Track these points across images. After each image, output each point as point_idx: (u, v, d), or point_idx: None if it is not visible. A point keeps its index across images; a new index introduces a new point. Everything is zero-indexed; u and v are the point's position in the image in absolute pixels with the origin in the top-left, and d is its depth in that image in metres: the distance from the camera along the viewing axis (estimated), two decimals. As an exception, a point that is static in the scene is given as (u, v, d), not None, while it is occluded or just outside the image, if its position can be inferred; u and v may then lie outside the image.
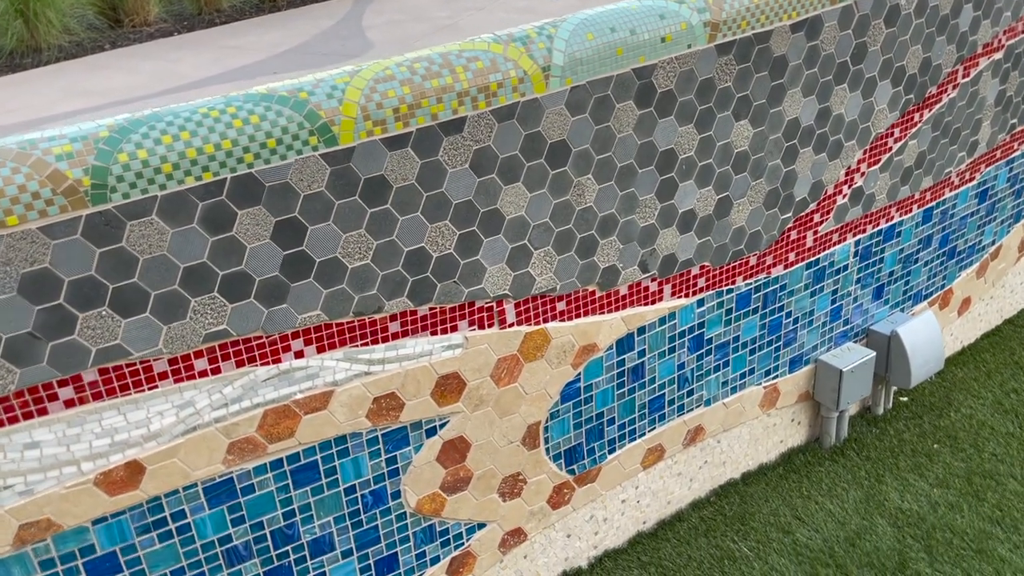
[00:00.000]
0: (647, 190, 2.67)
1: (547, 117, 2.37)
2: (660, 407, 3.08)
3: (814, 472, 3.59)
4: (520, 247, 2.50)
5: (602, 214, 2.61)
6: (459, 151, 2.27)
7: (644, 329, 2.89)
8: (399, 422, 2.49)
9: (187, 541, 2.27)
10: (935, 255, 3.84)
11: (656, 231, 2.76)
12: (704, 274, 2.97)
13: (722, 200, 2.88)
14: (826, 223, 3.25)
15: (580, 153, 2.48)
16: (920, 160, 3.48)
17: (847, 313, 3.54)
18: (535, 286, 2.58)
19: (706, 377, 3.16)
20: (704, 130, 2.71)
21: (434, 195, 2.28)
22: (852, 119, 3.11)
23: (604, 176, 2.56)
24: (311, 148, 2.07)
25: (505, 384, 2.64)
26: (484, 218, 2.39)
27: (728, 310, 3.10)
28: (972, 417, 3.86)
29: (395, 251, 2.29)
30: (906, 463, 3.60)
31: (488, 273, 2.47)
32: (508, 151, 2.35)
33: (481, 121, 2.27)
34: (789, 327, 3.34)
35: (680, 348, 3.02)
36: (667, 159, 2.67)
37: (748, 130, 2.81)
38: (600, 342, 2.80)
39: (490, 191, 2.37)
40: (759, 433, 3.51)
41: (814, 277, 3.32)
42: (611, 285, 2.75)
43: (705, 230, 2.89)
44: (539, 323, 2.64)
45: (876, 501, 3.40)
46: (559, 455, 2.89)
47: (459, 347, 2.50)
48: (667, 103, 2.58)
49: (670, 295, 2.91)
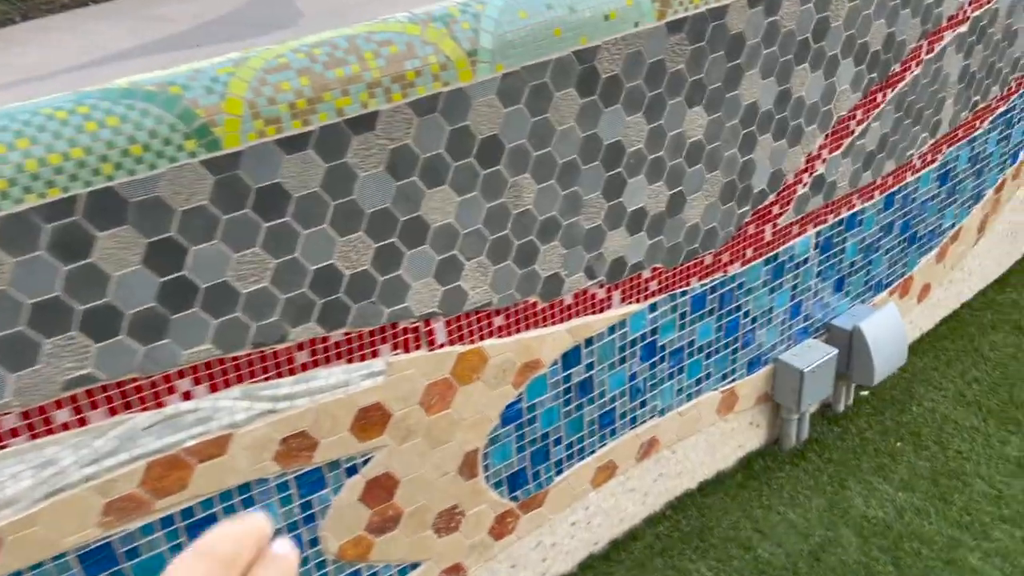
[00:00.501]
0: (592, 188, 2.37)
1: (475, 109, 2.04)
2: (611, 421, 2.81)
3: (774, 478, 3.36)
4: (449, 258, 2.17)
5: (542, 217, 2.30)
6: (372, 152, 1.93)
7: (592, 340, 2.60)
8: (313, 463, 2.16)
9: (61, 618, 1.92)
10: (896, 242, 3.62)
11: (603, 233, 2.46)
12: (656, 277, 2.68)
13: (675, 196, 2.58)
14: (786, 215, 2.99)
15: (515, 150, 2.16)
16: (883, 143, 3.23)
17: (807, 309, 3.30)
18: (468, 301, 2.27)
19: (660, 386, 2.89)
20: (654, 119, 2.40)
21: (344, 204, 1.94)
22: (813, 102, 2.84)
23: (543, 175, 2.24)
24: (187, 154, 1.71)
25: (437, 411, 2.32)
26: (405, 228, 2.06)
27: (682, 314, 2.82)
28: (935, 411, 3.68)
29: (299, 271, 1.95)
30: (869, 464, 3.40)
31: (412, 290, 2.14)
32: (431, 150, 2.02)
33: (397, 116, 1.93)
34: (747, 327, 3.08)
35: (631, 358, 2.74)
36: (614, 153, 2.36)
37: (702, 118, 2.52)
38: (544, 357, 2.50)
39: (411, 196, 2.04)
40: (716, 440, 3.27)
41: (773, 273, 3.07)
42: (554, 295, 2.44)
43: (657, 229, 2.60)
44: (474, 342, 2.33)
45: (840, 509, 3.20)
46: (501, 482, 2.59)
47: (381, 375, 2.18)
48: (613, 90, 2.27)
49: (620, 302, 2.62)
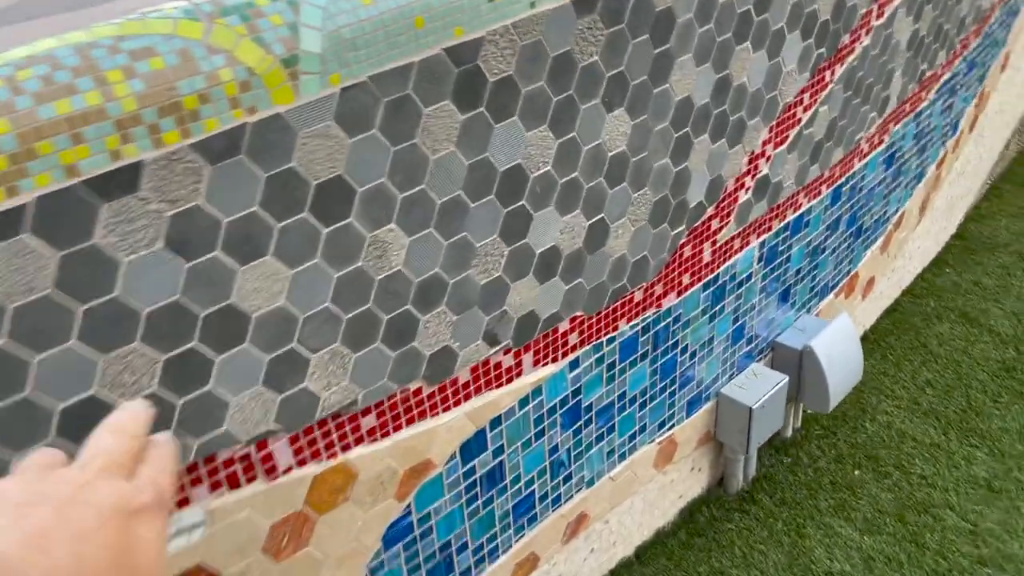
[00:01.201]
0: (486, 231, 1.74)
1: (304, 144, 1.38)
2: (529, 508, 2.22)
3: (723, 531, 2.86)
4: (286, 355, 1.52)
5: (420, 278, 1.66)
6: (140, 224, 1.25)
7: (499, 420, 2.00)
8: (108, 663, 1.49)
9: None
10: (842, 239, 3.14)
11: (505, 286, 1.84)
12: (576, 328, 2.09)
13: (594, 226, 1.98)
14: (726, 229, 2.44)
15: (372, 194, 1.51)
16: (831, 130, 2.71)
17: (750, 330, 2.78)
18: (321, 406, 1.62)
19: (587, 453, 2.32)
20: (564, 131, 1.78)
21: (101, 307, 1.26)
22: (756, 88, 2.27)
23: (416, 222, 1.60)
24: None
25: (289, 554, 1.68)
26: (211, 324, 1.39)
27: (610, 364, 2.25)
28: (891, 426, 3.25)
29: (34, 416, 1.26)
30: (827, 503, 2.94)
31: (234, 407, 1.48)
32: (239, 209, 1.35)
33: (175, 166, 1.25)
34: (685, 364, 2.54)
35: (551, 428, 2.15)
36: (513, 181, 1.73)
37: (625, 123, 1.91)
38: (436, 456, 1.88)
39: (215, 279, 1.37)
40: (654, 496, 2.73)
41: (713, 298, 2.52)
42: (445, 374, 1.82)
43: (574, 271, 1.99)
44: (335, 456, 1.69)
45: (801, 566, 2.72)
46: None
47: (198, 528, 1.52)
48: (505, 98, 1.63)
49: (532, 365, 2.02)
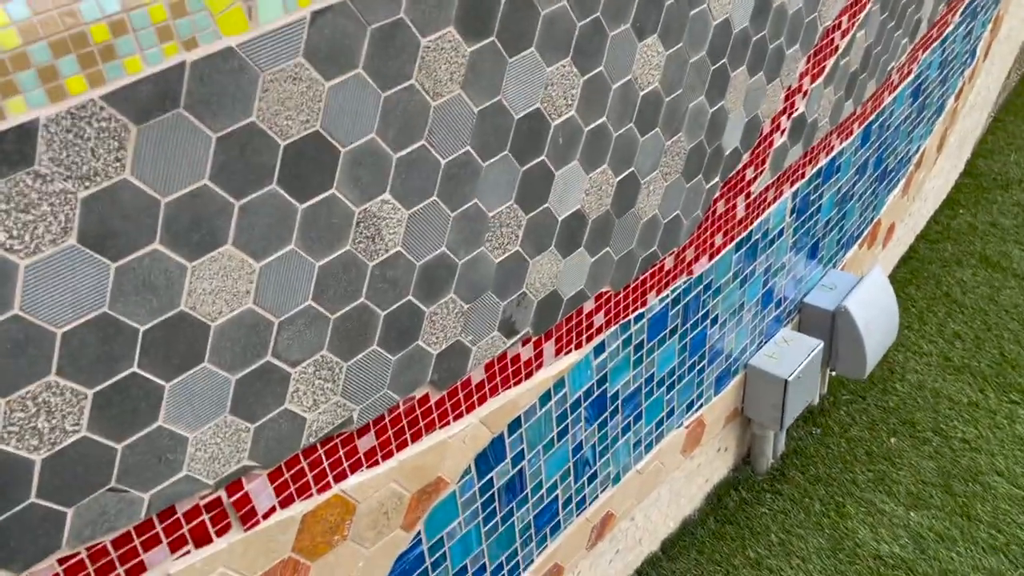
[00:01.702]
0: (501, 196, 1.38)
1: (267, 91, 1.01)
2: (552, 516, 1.91)
3: (755, 516, 2.58)
4: (258, 372, 1.16)
5: (422, 261, 1.31)
6: (38, 211, 0.88)
7: (519, 422, 1.66)
8: None
9: None
10: (868, 183, 2.83)
11: (524, 263, 1.50)
12: (602, 306, 1.75)
13: (624, 182, 1.63)
14: (761, 177, 2.11)
15: (359, 154, 1.14)
16: (866, 59, 2.38)
17: (780, 292, 2.47)
18: (308, 430, 1.27)
19: (612, 447, 2.01)
20: (590, 66, 1.42)
21: None
22: (796, 9, 1.92)
23: (416, 189, 1.24)
24: None
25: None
26: (154, 343, 1.03)
27: (638, 345, 1.92)
28: (923, 386, 2.98)
29: (-85, 486, 0.90)
30: (865, 476, 2.67)
31: (193, 445, 1.13)
32: (182, 186, 0.98)
33: (85, 128, 0.88)
34: (715, 337, 2.22)
35: (575, 425, 1.83)
36: (532, 131, 1.38)
37: (658, 53, 1.56)
38: (447, 472, 1.54)
39: (156, 283, 1.00)
40: (680, 485, 2.43)
41: (745, 258, 2.20)
42: (456, 376, 1.48)
43: (601, 239, 1.65)
44: (326, 488, 1.34)
45: (846, 550, 2.45)
46: (401, 656, 1.67)
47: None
48: (520, 24, 1.27)
49: (554, 355, 1.68)
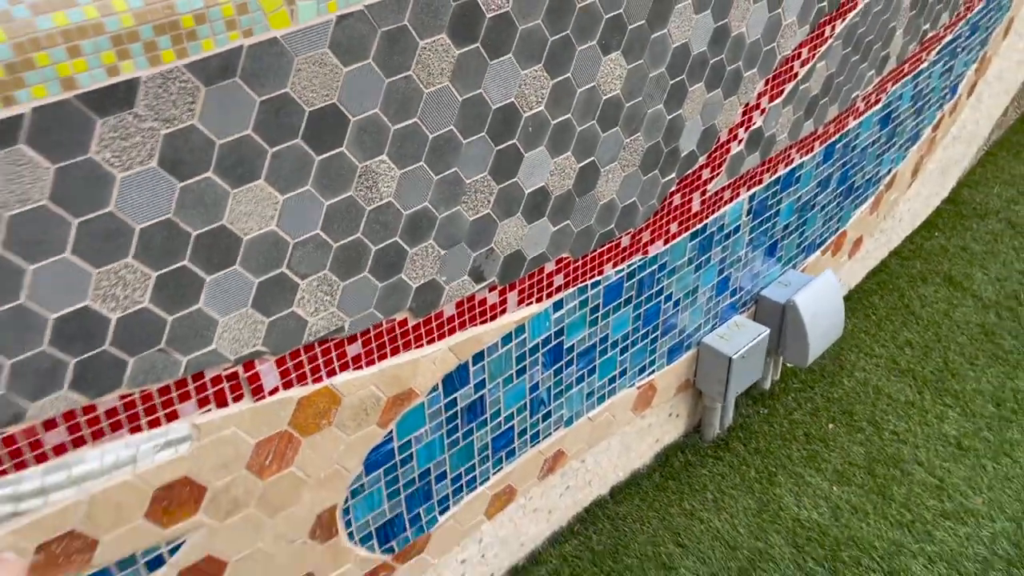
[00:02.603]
0: (477, 168, 1.76)
1: (300, 70, 1.39)
2: (508, 442, 2.28)
3: (696, 476, 2.94)
4: (275, 279, 1.55)
5: (409, 211, 1.69)
6: (134, 141, 1.27)
7: (482, 355, 2.04)
8: (94, 566, 1.55)
9: None
10: (832, 197, 3.16)
11: (494, 223, 1.87)
12: (562, 269, 2.12)
13: (585, 169, 2.00)
14: (717, 179, 2.46)
15: (365, 124, 1.52)
16: (827, 86, 2.71)
17: (735, 282, 2.82)
18: (308, 330, 1.66)
19: (567, 393, 2.38)
20: (559, 71, 1.79)
21: (95, 220, 1.28)
22: (755, 39, 2.27)
23: (408, 155, 1.62)
24: None
25: (273, 473, 1.74)
26: (202, 244, 1.42)
27: (594, 308, 2.29)
28: (867, 383, 3.31)
29: (31, 322, 1.29)
30: (800, 453, 3.02)
31: (222, 327, 1.52)
32: (232, 132, 1.36)
33: (170, 86, 1.26)
34: (668, 312, 2.58)
35: (533, 367, 2.20)
36: (506, 119, 1.75)
37: (621, 66, 1.92)
38: (419, 386, 1.93)
39: (207, 201, 1.39)
40: (631, 439, 2.80)
41: (700, 248, 2.55)
42: (431, 307, 1.86)
43: (563, 212, 2.02)
44: (320, 380, 1.73)
45: (771, 512, 2.81)
46: (369, 536, 2.05)
47: (185, 442, 1.57)
48: (502, 34, 1.64)
49: (516, 304, 2.06)
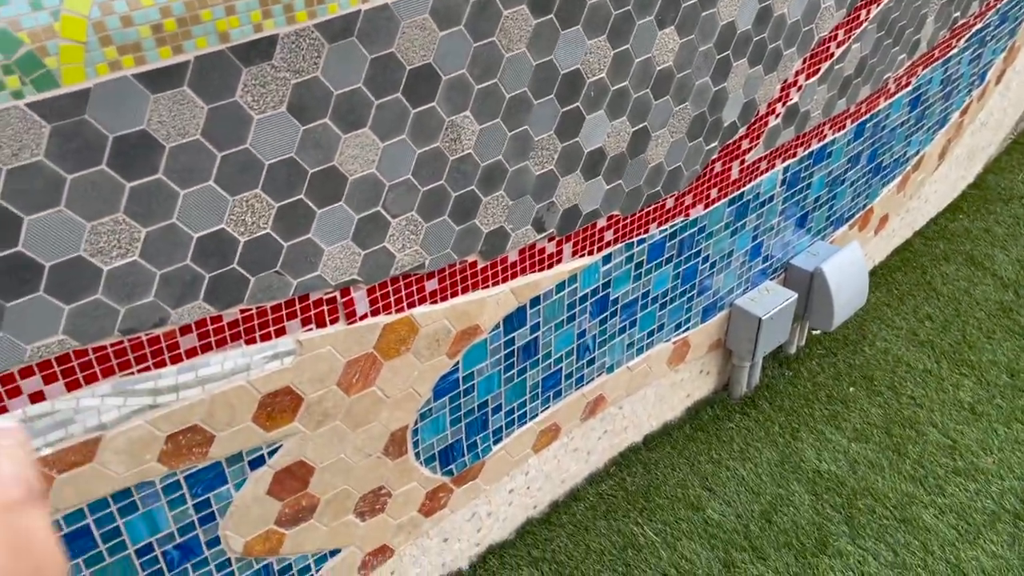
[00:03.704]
0: (544, 127, 1.98)
1: (404, 33, 1.61)
2: (556, 383, 2.51)
3: (724, 429, 3.16)
4: (372, 216, 1.78)
5: (485, 163, 1.91)
6: (270, 88, 1.50)
7: (539, 299, 2.27)
8: (209, 459, 1.81)
9: None
10: (861, 173, 3.35)
11: (555, 179, 2.09)
12: (612, 226, 2.34)
13: (638, 133, 2.22)
14: (754, 150, 2.66)
15: (454, 82, 1.75)
16: (861, 67, 2.90)
17: (768, 249, 3.03)
18: (395, 265, 1.89)
19: (610, 342, 2.60)
20: (620, 43, 2.00)
21: (234, 155, 1.52)
22: (795, 20, 2.47)
23: (487, 112, 1.84)
24: (10, 94, 1.26)
25: (358, 391, 1.98)
26: (316, 181, 1.65)
27: (638, 264, 2.51)
28: (888, 352, 3.51)
29: (178, 239, 1.53)
30: (822, 412, 3.23)
31: (327, 255, 1.75)
32: (347, 84, 1.59)
33: (302, 42, 1.49)
34: (705, 273, 2.79)
35: (581, 315, 2.43)
36: (571, 84, 1.97)
37: (674, 41, 2.13)
38: (483, 323, 2.16)
39: (322, 143, 1.62)
40: (665, 391, 3.02)
41: (736, 214, 2.76)
42: (497, 252, 2.08)
43: (616, 173, 2.24)
44: (402, 310, 1.97)
45: (792, 463, 3.02)
46: (432, 457, 2.29)
47: (290, 355, 1.81)
48: (572, 8, 1.85)
49: (571, 255, 2.28)
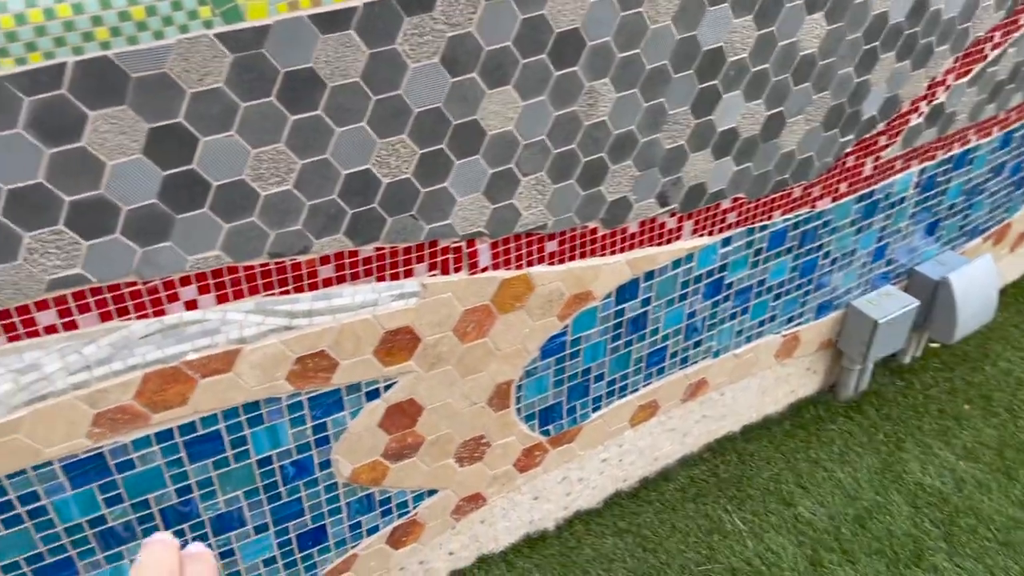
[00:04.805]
0: (680, 102, 2.00)
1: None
2: (660, 360, 2.54)
3: (825, 430, 3.12)
4: (504, 172, 1.86)
5: (617, 131, 1.96)
6: (426, 39, 1.59)
7: (653, 274, 2.30)
8: (331, 384, 1.93)
9: (44, 525, 1.76)
10: (1003, 185, 3.21)
11: (685, 155, 2.12)
12: (736, 208, 2.34)
13: (773, 117, 2.21)
14: (891, 147, 2.60)
15: (597, 49, 1.80)
16: (1015, 73, 2.78)
17: (892, 252, 2.95)
18: (520, 222, 1.96)
19: (719, 326, 2.61)
20: (766, 24, 2.01)
21: (387, 99, 1.62)
22: (950, 16, 2.39)
23: (626, 81, 1.89)
24: (202, 24, 1.39)
25: (472, 340, 2.07)
26: (457, 133, 1.74)
27: (757, 250, 2.50)
28: (1010, 373, 3.37)
29: (329, 174, 1.65)
30: (931, 426, 3.14)
31: (458, 205, 1.84)
32: (497, 41, 1.67)
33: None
34: (824, 269, 2.75)
35: (694, 295, 2.45)
36: (712, 62, 1.98)
37: (821, 27, 2.11)
38: (596, 290, 2.21)
39: (468, 96, 1.70)
40: (769, 384, 3.00)
41: (864, 211, 2.71)
42: (618, 222, 2.13)
43: (746, 155, 2.24)
44: (521, 268, 2.04)
45: (894, 472, 2.96)
46: (533, 415, 2.37)
47: (414, 296, 1.91)
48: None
49: (690, 233, 2.30)
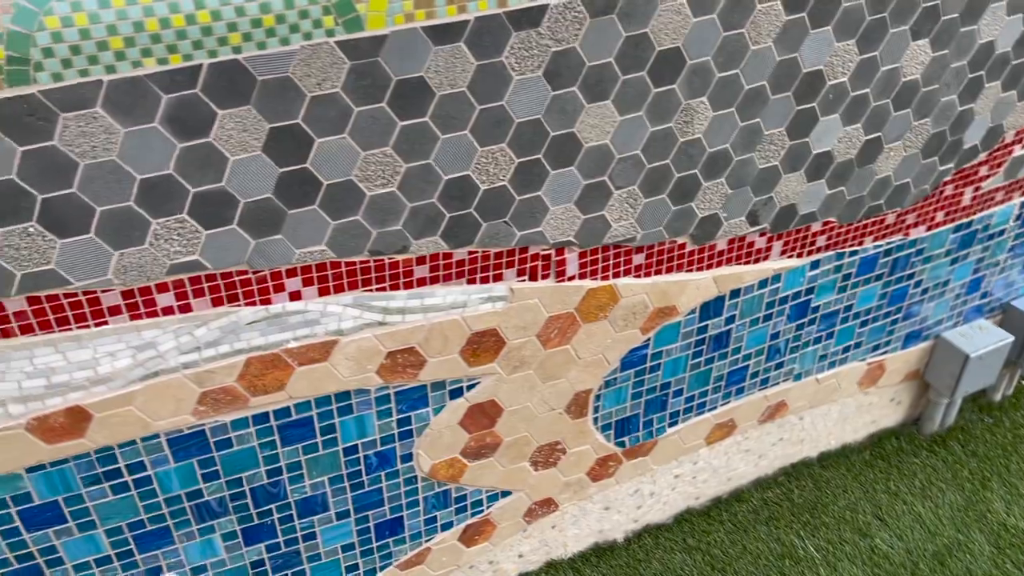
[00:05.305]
0: (776, 123, 2.02)
1: (660, 15, 1.71)
2: (740, 380, 2.54)
3: (907, 463, 3.05)
4: (597, 184, 1.90)
5: (712, 149, 1.98)
6: (532, 53, 1.65)
7: (739, 292, 2.31)
8: (417, 380, 2.01)
9: (148, 494, 1.88)
10: (1111, 223, 3.09)
11: (778, 175, 2.12)
12: (826, 231, 2.33)
13: (870, 142, 2.20)
14: (993, 178, 2.55)
15: (697, 68, 1.83)
16: None
17: (988, 285, 2.88)
18: (609, 234, 2.00)
19: (802, 349, 2.59)
20: (869, 49, 2.00)
21: (491, 109, 1.68)
22: (1062, 48, 2.34)
23: (723, 100, 1.91)
24: (324, 32, 1.48)
25: (554, 346, 2.12)
26: (555, 144, 1.79)
27: (846, 275, 2.48)
28: (1108, 420, 3.23)
29: (431, 178, 1.72)
30: (1019, 466, 3.04)
31: (550, 214, 1.90)
32: (599, 58, 1.72)
33: (567, 14, 1.63)
34: (915, 298, 2.71)
35: (778, 316, 2.44)
36: (811, 84, 1.99)
37: (926, 53, 2.09)
38: (681, 305, 2.23)
39: (567, 110, 1.76)
40: (850, 412, 2.96)
41: (960, 242, 2.65)
42: (707, 238, 2.15)
43: (840, 178, 2.23)
44: (607, 278, 2.08)
45: (977, 511, 2.87)
46: (609, 425, 2.40)
47: (501, 300, 1.97)
48: (826, 8, 1.88)
49: (779, 254, 2.30)
